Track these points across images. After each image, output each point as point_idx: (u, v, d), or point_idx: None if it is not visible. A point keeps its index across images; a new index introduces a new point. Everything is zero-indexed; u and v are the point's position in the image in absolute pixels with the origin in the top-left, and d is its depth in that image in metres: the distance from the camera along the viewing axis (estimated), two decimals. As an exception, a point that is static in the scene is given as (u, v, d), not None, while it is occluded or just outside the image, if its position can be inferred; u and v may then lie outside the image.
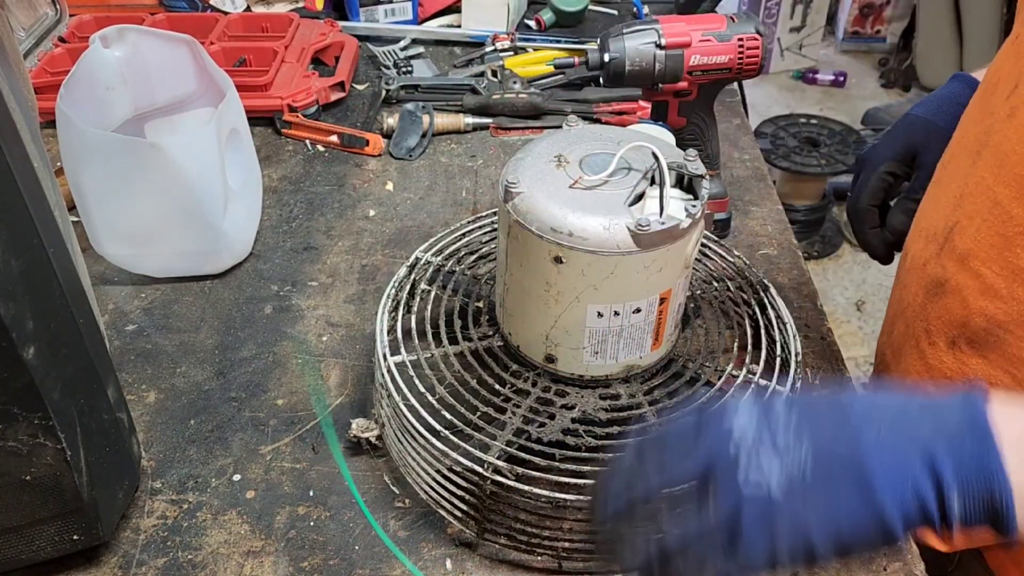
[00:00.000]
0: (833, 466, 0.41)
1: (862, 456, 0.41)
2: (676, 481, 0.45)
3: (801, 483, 0.41)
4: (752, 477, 0.42)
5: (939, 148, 0.79)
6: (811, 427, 0.42)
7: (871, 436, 0.41)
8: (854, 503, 0.41)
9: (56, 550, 0.61)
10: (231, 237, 0.90)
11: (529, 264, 0.63)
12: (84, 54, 0.86)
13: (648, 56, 0.86)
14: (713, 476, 0.43)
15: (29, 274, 0.51)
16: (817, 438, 0.42)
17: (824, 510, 0.41)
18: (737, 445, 0.43)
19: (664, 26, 0.86)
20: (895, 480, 0.41)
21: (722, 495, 0.43)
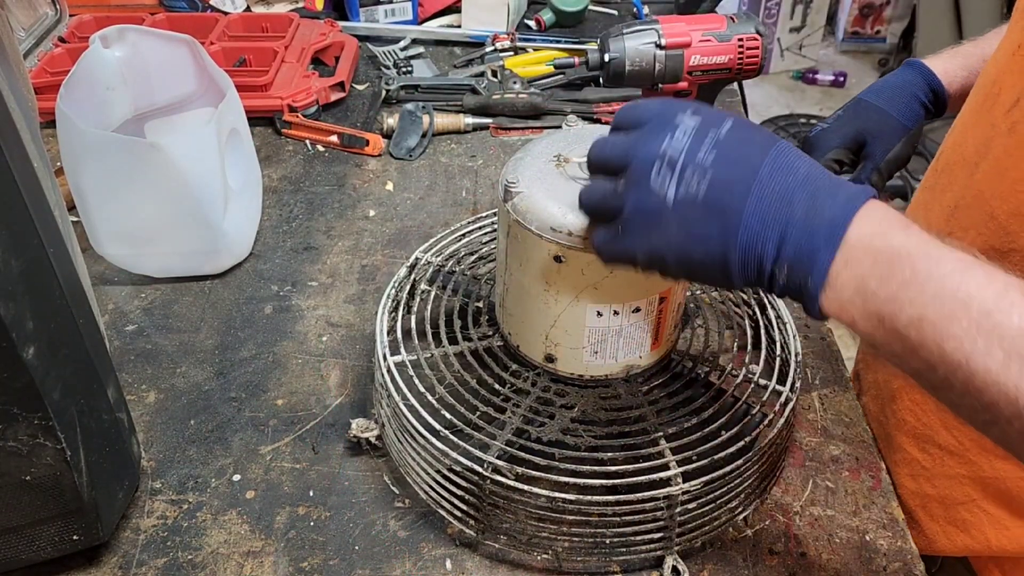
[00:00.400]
0: (718, 203, 0.47)
1: (743, 210, 0.47)
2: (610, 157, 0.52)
3: (691, 202, 0.48)
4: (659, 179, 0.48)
5: (889, 138, 0.79)
6: (724, 160, 0.48)
7: (758, 195, 0.47)
8: (715, 240, 0.48)
9: (56, 550, 0.61)
10: (231, 237, 0.90)
11: (529, 264, 0.63)
12: (84, 54, 0.86)
13: (648, 56, 0.86)
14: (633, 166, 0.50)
15: (29, 274, 0.51)
16: (722, 171, 0.47)
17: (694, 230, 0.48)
18: (663, 150, 0.48)
19: (664, 26, 0.86)
20: (751, 241, 0.47)
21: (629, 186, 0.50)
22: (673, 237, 0.49)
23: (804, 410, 0.77)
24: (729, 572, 0.64)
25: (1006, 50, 0.69)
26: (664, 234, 0.49)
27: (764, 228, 0.47)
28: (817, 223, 0.46)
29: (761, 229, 0.47)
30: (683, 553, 0.64)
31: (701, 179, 0.47)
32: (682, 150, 0.48)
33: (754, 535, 0.66)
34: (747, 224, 0.47)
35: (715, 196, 0.47)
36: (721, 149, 0.48)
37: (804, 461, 0.72)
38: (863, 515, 0.68)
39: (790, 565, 0.64)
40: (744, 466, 0.63)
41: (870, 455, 0.73)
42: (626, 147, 0.50)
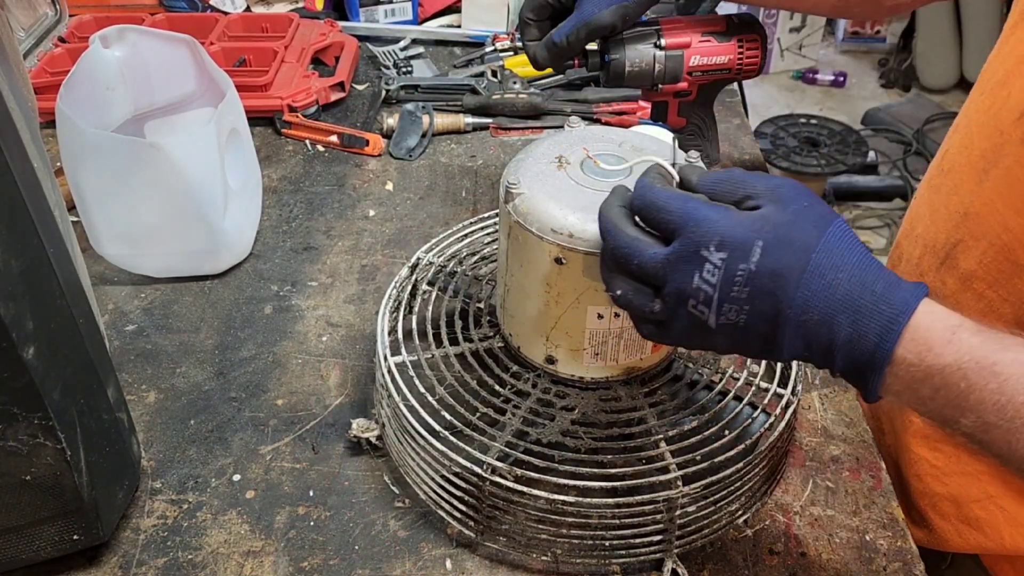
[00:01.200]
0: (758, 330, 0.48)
1: (782, 337, 0.48)
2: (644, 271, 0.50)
3: (733, 328, 0.48)
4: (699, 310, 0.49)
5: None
6: (756, 295, 0.47)
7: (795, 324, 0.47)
8: (761, 351, 0.49)
9: (56, 550, 0.61)
10: (231, 237, 0.90)
11: (530, 265, 0.63)
12: (84, 54, 0.86)
13: (648, 57, 0.86)
14: (669, 292, 0.49)
15: (29, 274, 0.51)
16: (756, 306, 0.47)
17: (739, 345, 0.50)
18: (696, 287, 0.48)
19: (664, 27, 0.86)
20: (796, 355, 0.48)
21: (669, 310, 0.50)
22: (719, 345, 0.51)
23: (804, 410, 0.77)
24: (729, 572, 0.64)
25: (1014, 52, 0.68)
26: (711, 342, 0.51)
27: (808, 349, 0.48)
28: (861, 350, 0.46)
29: (804, 350, 0.48)
30: (682, 555, 0.64)
31: (739, 312, 0.48)
32: (715, 287, 0.48)
33: (754, 535, 0.66)
34: (788, 348, 0.48)
35: (754, 324, 0.48)
36: (754, 284, 0.47)
37: (804, 461, 0.72)
38: (863, 515, 0.68)
39: (790, 565, 0.64)
40: (745, 469, 0.63)
41: (870, 455, 0.73)
42: (657, 271, 0.50)
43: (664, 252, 0.49)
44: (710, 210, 0.49)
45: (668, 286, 0.49)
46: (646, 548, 0.63)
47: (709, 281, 0.48)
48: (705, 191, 0.52)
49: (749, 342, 0.49)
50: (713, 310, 0.48)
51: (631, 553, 0.63)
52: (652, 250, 0.50)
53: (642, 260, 0.50)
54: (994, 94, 0.70)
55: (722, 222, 0.48)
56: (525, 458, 0.62)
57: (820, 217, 0.48)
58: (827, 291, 0.46)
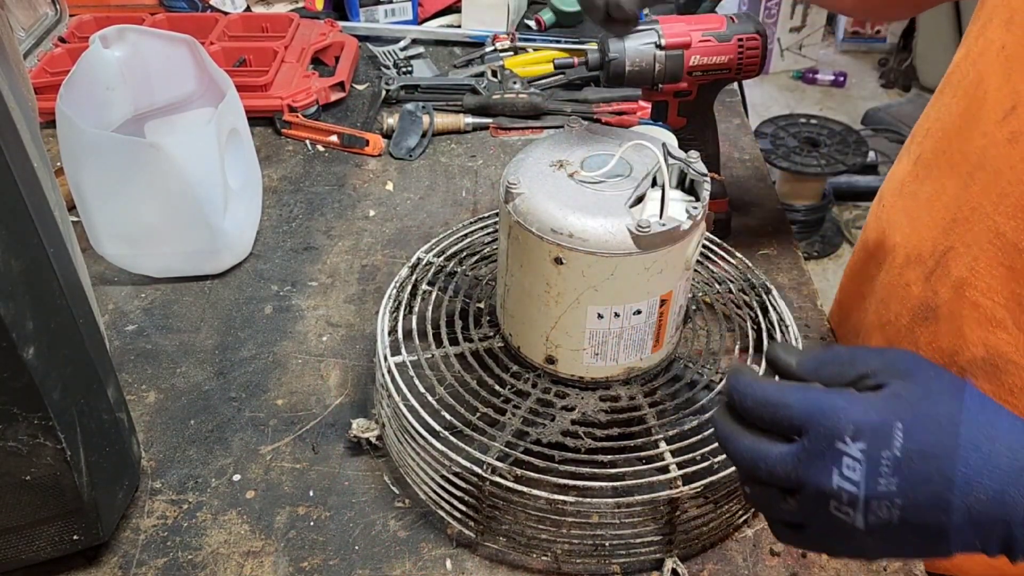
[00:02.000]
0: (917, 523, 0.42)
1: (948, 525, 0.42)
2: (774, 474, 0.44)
3: (887, 528, 0.42)
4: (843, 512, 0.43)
5: None
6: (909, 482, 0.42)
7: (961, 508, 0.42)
8: (924, 550, 0.43)
9: (56, 550, 0.61)
10: (231, 237, 0.90)
11: (529, 265, 0.63)
12: (84, 54, 0.86)
13: (648, 56, 0.86)
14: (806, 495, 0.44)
15: (29, 274, 0.51)
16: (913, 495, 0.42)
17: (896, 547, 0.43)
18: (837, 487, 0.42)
19: (664, 26, 0.86)
20: (967, 546, 0.42)
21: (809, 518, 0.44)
22: (871, 550, 0.45)
23: (804, 411, 0.76)
24: (729, 572, 0.64)
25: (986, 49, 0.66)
26: (860, 545, 0.44)
27: (979, 534, 0.42)
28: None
29: (975, 536, 0.42)
30: (683, 555, 0.64)
31: (891, 507, 0.42)
32: (860, 484, 0.42)
33: (754, 535, 0.66)
34: (957, 537, 0.42)
35: (912, 517, 0.42)
36: (902, 473, 0.42)
37: (804, 462, 0.72)
38: (863, 516, 0.68)
39: (790, 565, 0.64)
40: (744, 467, 0.63)
41: (870, 456, 0.73)
42: (790, 473, 0.44)
43: (792, 451, 0.44)
44: (835, 397, 0.44)
45: (804, 489, 0.43)
46: (646, 548, 0.63)
47: (851, 479, 0.42)
48: (811, 376, 0.47)
49: (908, 540, 0.43)
50: (860, 510, 0.42)
51: (631, 553, 0.63)
52: (776, 451, 0.44)
53: (769, 465, 0.44)
54: (969, 95, 0.68)
55: (852, 408, 0.43)
56: (525, 458, 0.62)
57: (953, 385, 0.44)
58: (989, 464, 0.41)
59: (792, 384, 0.46)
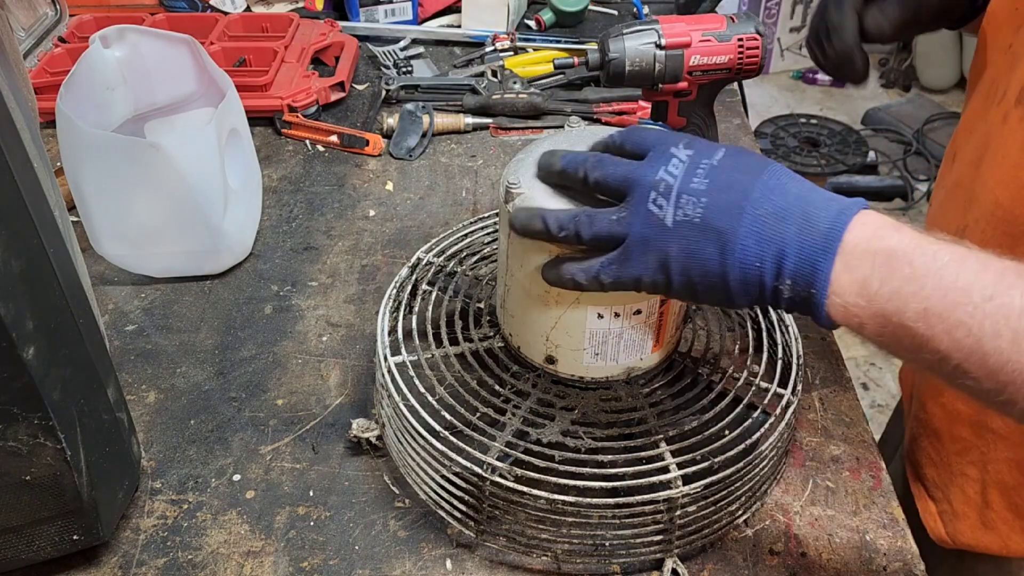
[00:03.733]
0: (713, 225, 0.50)
1: (737, 230, 0.49)
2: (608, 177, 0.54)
3: (689, 224, 0.50)
4: (657, 204, 0.51)
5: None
6: (715, 188, 0.50)
7: (751, 216, 0.49)
8: (713, 260, 0.50)
9: (56, 550, 0.61)
10: (231, 237, 0.90)
11: (530, 265, 0.63)
12: (84, 54, 0.86)
13: (648, 56, 0.86)
14: (632, 191, 0.53)
15: (29, 274, 0.51)
16: (715, 198, 0.50)
17: (692, 251, 0.51)
18: (658, 179, 0.52)
19: (664, 26, 0.86)
20: (748, 260, 0.49)
21: (628, 211, 0.53)
22: (673, 259, 0.51)
23: (804, 410, 0.77)
24: (729, 572, 0.64)
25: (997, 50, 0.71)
26: (664, 256, 0.51)
27: (760, 246, 0.49)
28: (813, 235, 0.48)
29: (757, 247, 0.49)
30: (683, 555, 0.64)
31: (696, 204, 0.50)
32: (676, 177, 0.51)
33: (754, 535, 0.66)
34: (743, 244, 0.49)
35: (710, 218, 0.50)
36: (713, 176, 0.51)
37: (804, 461, 0.72)
38: (863, 515, 0.68)
39: (790, 565, 0.64)
40: (745, 469, 0.63)
41: (870, 455, 0.73)
42: (625, 174, 0.53)
43: (634, 163, 0.54)
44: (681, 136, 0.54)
45: (633, 184, 0.52)
46: (646, 548, 0.63)
47: (672, 173, 0.51)
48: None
49: (703, 246, 0.50)
50: (671, 202, 0.51)
51: (631, 553, 0.63)
52: (622, 162, 0.54)
53: (617, 166, 0.54)
54: (986, 93, 0.72)
55: (695, 138, 0.54)
56: (525, 458, 0.62)
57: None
58: (781, 190, 0.50)
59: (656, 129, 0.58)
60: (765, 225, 0.49)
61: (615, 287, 0.55)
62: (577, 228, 0.54)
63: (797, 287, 0.49)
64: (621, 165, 0.54)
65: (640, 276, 0.53)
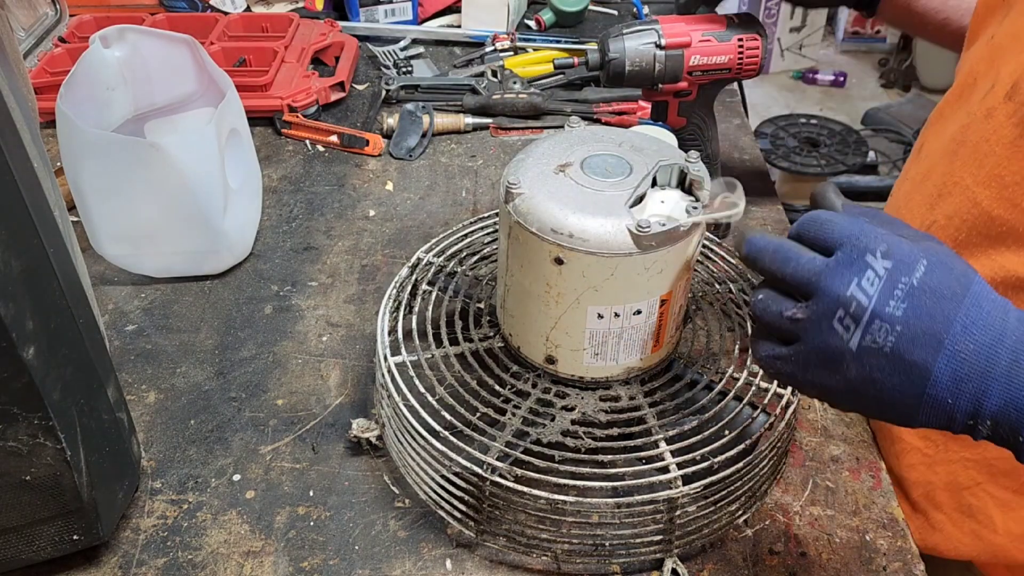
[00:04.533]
0: (905, 358, 0.45)
1: (932, 367, 0.45)
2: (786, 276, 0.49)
3: (875, 353, 0.45)
4: (843, 327, 0.46)
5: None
6: (914, 313, 0.45)
7: (950, 353, 0.44)
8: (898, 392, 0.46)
9: (56, 550, 0.61)
10: (231, 237, 0.90)
11: (530, 265, 0.63)
12: (84, 54, 0.86)
13: (648, 56, 0.86)
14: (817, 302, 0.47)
15: (29, 274, 0.51)
16: (913, 328, 0.45)
17: (875, 381, 0.46)
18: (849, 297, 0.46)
19: (664, 26, 0.86)
20: (940, 397, 0.45)
21: (807, 324, 0.48)
22: (849, 381, 0.47)
23: (804, 410, 0.77)
24: (729, 572, 0.64)
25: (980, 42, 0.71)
26: (840, 377, 0.47)
27: (957, 385, 0.45)
28: (1021, 378, 0.44)
29: (952, 386, 0.45)
30: (683, 555, 0.64)
31: (889, 332, 0.45)
32: (871, 297, 0.46)
33: (754, 535, 0.66)
34: (936, 381, 0.45)
35: (903, 350, 0.45)
36: (912, 301, 0.45)
37: (804, 461, 0.72)
38: (863, 515, 0.68)
39: (790, 565, 0.64)
40: (745, 469, 0.63)
41: (870, 455, 0.73)
42: (810, 277, 0.48)
43: (823, 260, 0.48)
44: (876, 227, 0.48)
45: (819, 294, 0.47)
46: (646, 548, 0.63)
47: (866, 291, 0.46)
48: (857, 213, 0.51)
49: (888, 378, 0.46)
50: (861, 326, 0.46)
51: (631, 553, 0.63)
52: (809, 256, 0.48)
53: (799, 263, 0.48)
54: (963, 83, 0.72)
55: (889, 236, 0.47)
56: (525, 458, 0.62)
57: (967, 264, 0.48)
58: (985, 324, 0.45)
59: (845, 213, 0.51)
60: (964, 364, 0.44)
61: (774, 377, 0.53)
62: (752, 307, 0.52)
63: (1000, 429, 0.45)
64: (805, 262, 0.49)
65: (803, 383, 0.50)
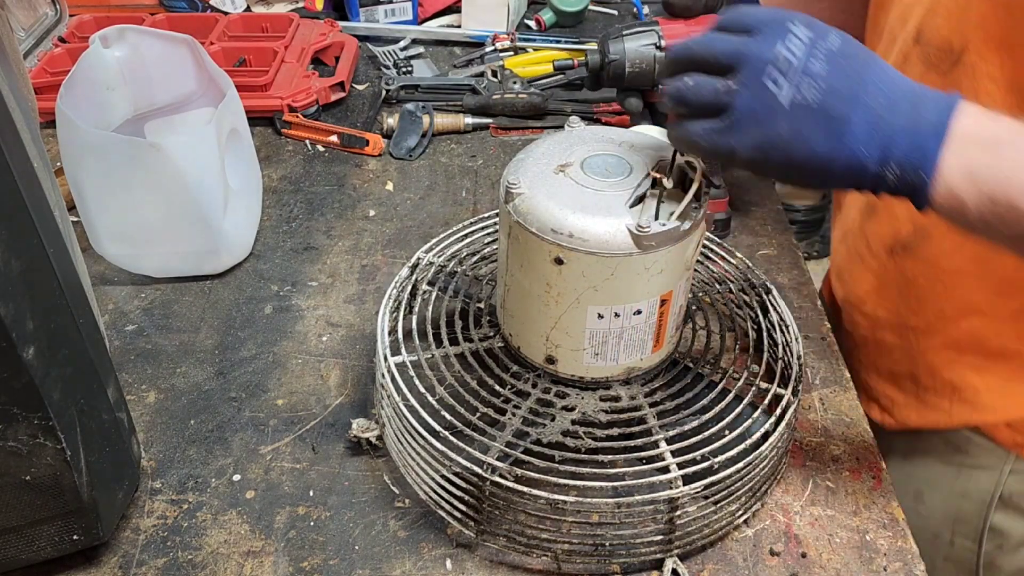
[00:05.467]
0: (829, 111, 0.51)
1: (851, 118, 0.51)
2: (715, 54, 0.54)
3: (805, 107, 0.51)
4: (776, 81, 0.52)
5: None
6: (836, 71, 0.51)
7: (864, 105, 0.51)
8: (822, 145, 0.52)
9: (56, 550, 0.61)
10: (231, 237, 0.90)
11: (530, 265, 0.63)
12: (84, 54, 0.86)
13: (648, 57, 0.86)
14: (747, 64, 0.52)
15: (29, 274, 0.51)
16: (834, 81, 0.51)
17: (803, 135, 0.52)
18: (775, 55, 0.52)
19: (664, 28, 0.86)
20: (857, 147, 0.51)
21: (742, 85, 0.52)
22: (780, 137, 0.52)
23: (804, 410, 0.77)
24: (729, 572, 0.64)
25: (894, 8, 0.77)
26: (772, 134, 0.52)
27: (871, 134, 0.51)
28: (922, 124, 0.51)
29: (867, 136, 0.51)
30: (683, 555, 0.64)
31: (813, 87, 0.51)
32: (798, 57, 0.51)
33: (754, 535, 0.66)
34: (854, 131, 0.51)
35: (827, 104, 0.51)
36: (832, 62, 0.51)
37: (804, 461, 0.72)
38: (863, 515, 0.68)
39: (790, 565, 0.64)
40: (745, 470, 0.63)
41: (870, 455, 0.73)
42: (738, 47, 0.53)
43: (742, 38, 0.53)
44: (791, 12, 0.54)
45: (745, 60, 0.52)
46: (646, 548, 0.63)
47: (792, 51, 0.51)
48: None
49: (814, 131, 0.51)
50: (791, 81, 0.51)
51: (631, 553, 0.63)
52: (737, 35, 0.54)
53: (727, 41, 0.53)
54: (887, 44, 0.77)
55: (805, 16, 0.53)
56: (525, 458, 0.62)
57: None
58: (891, 81, 0.52)
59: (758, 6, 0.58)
60: (876, 115, 0.51)
61: (711, 154, 0.56)
62: (681, 95, 0.55)
63: (905, 173, 0.51)
64: (732, 39, 0.54)
65: (738, 148, 0.53)
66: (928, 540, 0.81)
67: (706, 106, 0.54)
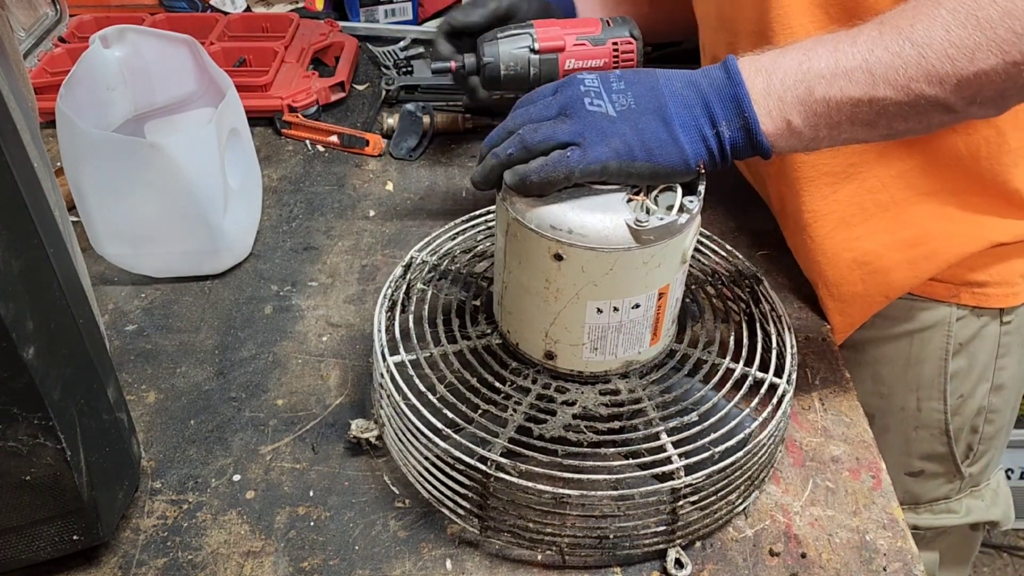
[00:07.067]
0: (647, 107, 0.60)
1: (667, 105, 0.60)
2: (538, 116, 0.62)
3: (629, 111, 0.60)
4: (595, 104, 0.60)
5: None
6: (632, 84, 0.61)
7: (669, 93, 0.60)
8: (662, 129, 0.59)
9: (56, 550, 0.61)
10: (231, 237, 0.90)
11: (528, 262, 0.63)
12: (84, 54, 0.86)
13: (523, 60, 0.85)
14: (568, 107, 0.61)
15: (29, 274, 0.51)
16: (637, 91, 0.61)
17: (643, 128, 0.59)
18: (585, 90, 0.61)
19: (538, 30, 0.86)
20: (687, 120, 0.60)
21: (574, 117, 0.60)
22: (630, 137, 0.59)
23: (804, 410, 0.77)
24: (729, 572, 0.64)
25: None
26: (622, 136, 0.59)
27: (689, 109, 0.60)
28: (719, 83, 0.60)
29: (687, 112, 0.60)
30: (685, 544, 0.64)
31: (625, 97, 0.60)
32: (599, 85, 0.61)
33: (754, 535, 0.66)
34: (676, 112, 0.60)
35: (643, 105, 0.60)
36: (625, 79, 0.62)
37: (804, 461, 0.72)
38: (863, 515, 0.68)
39: (790, 565, 0.64)
40: (744, 458, 0.63)
41: (870, 455, 0.73)
42: (550, 101, 0.62)
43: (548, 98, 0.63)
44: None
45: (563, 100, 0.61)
46: (650, 539, 0.63)
47: (591, 84, 0.61)
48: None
49: (648, 122, 0.59)
50: (605, 99, 0.60)
51: (635, 544, 0.63)
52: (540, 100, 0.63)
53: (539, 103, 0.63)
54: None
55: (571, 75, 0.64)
56: (528, 454, 0.62)
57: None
58: (670, 75, 0.62)
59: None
60: (682, 95, 0.60)
61: (584, 175, 0.59)
62: (522, 141, 0.61)
63: (732, 122, 0.59)
64: (542, 100, 0.63)
65: (606, 160, 0.59)
66: (896, 415, 0.89)
67: (553, 143, 0.60)
